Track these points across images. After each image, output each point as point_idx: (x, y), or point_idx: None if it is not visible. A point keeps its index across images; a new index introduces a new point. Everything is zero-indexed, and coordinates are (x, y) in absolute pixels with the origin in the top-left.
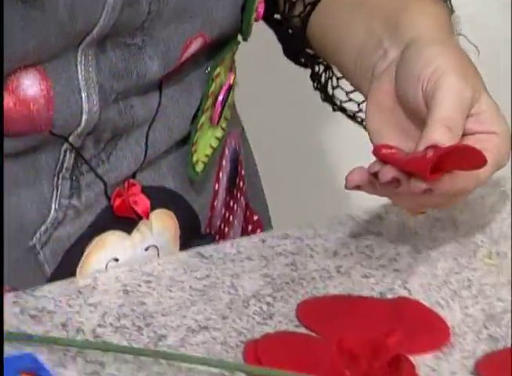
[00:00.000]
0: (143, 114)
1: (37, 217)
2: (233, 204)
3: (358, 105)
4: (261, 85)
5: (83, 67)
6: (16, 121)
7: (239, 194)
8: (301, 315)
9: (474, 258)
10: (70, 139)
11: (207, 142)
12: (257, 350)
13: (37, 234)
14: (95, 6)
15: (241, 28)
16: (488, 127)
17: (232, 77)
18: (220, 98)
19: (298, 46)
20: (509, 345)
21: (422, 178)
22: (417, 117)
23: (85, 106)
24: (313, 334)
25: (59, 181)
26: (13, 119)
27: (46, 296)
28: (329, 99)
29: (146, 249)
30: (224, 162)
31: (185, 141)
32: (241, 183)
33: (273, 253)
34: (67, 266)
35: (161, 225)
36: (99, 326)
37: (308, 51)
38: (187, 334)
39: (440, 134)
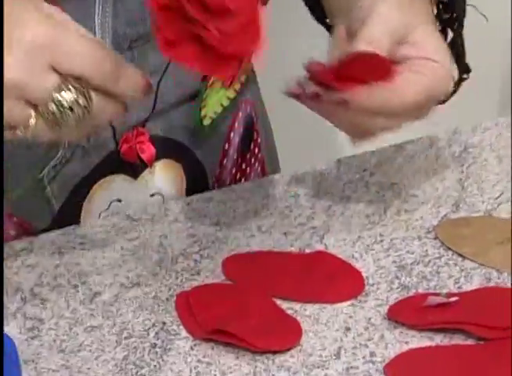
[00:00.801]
0: (155, 64)
1: (47, 153)
2: (246, 167)
3: None
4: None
5: (100, 11)
6: None
7: (253, 160)
8: (227, 270)
9: (385, 215)
10: None
11: (217, 100)
12: (188, 299)
13: (46, 169)
14: None
15: None
16: (425, 54)
17: None
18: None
19: None
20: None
21: (334, 89)
22: None
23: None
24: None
25: None
26: None
27: None
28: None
29: (152, 195)
30: (236, 124)
31: (196, 96)
32: (256, 150)
33: (198, 215)
34: (73, 203)
35: (166, 174)
36: (37, 285)
37: None
38: (120, 290)
39: (359, 47)
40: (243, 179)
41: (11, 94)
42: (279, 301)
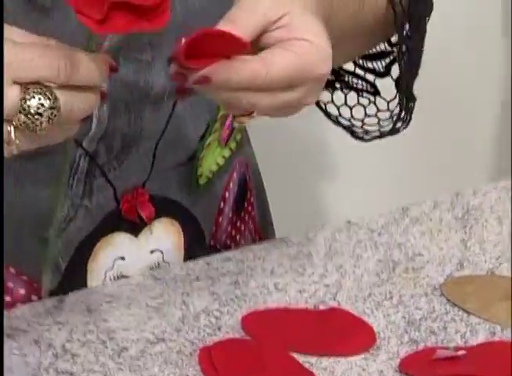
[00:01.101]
0: (152, 127)
1: (52, 212)
2: (240, 224)
3: (338, 108)
4: None
5: None
6: None
7: (247, 217)
8: (246, 326)
9: (393, 273)
10: (84, 144)
11: (213, 159)
12: (210, 354)
13: (51, 228)
14: None
15: None
16: (299, 34)
17: None
18: (227, 122)
19: None
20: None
21: (187, 66)
22: None
23: (95, 112)
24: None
25: (74, 182)
26: None
27: (19, 317)
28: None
29: (152, 252)
30: (231, 184)
31: (193, 157)
32: (249, 208)
33: (218, 274)
34: (79, 260)
35: (165, 232)
36: (68, 341)
37: None
38: (146, 345)
39: (220, 26)
40: (237, 236)
41: None
42: (296, 355)
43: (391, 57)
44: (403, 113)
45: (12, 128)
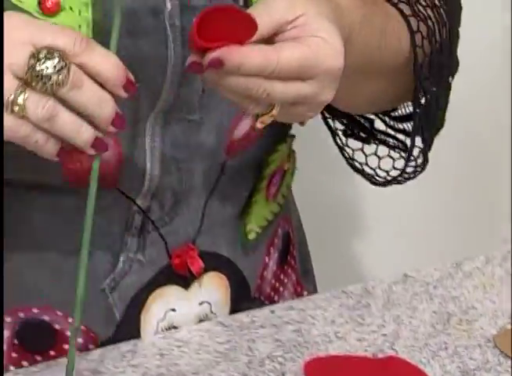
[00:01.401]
0: (201, 184)
1: (108, 267)
2: (284, 277)
3: (366, 157)
4: None
5: (150, 138)
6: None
7: (290, 270)
8: (308, 372)
9: (448, 325)
10: (138, 201)
11: (262, 215)
12: None
13: (108, 280)
14: (155, 85)
15: None
16: (313, 32)
17: (288, 164)
18: (274, 180)
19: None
20: None
21: (200, 46)
22: None
23: (148, 170)
24: None
25: (128, 238)
26: (86, 177)
27: (96, 359)
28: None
29: (201, 304)
30: (276, 240)
31: (241, 213)
32: (292, 262)
33: (282, 322)
34: (132, 312)
35: (213, 285)
36: None
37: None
38: None
39: None
40: (281, 288)
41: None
42: None
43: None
44: (422, 161)
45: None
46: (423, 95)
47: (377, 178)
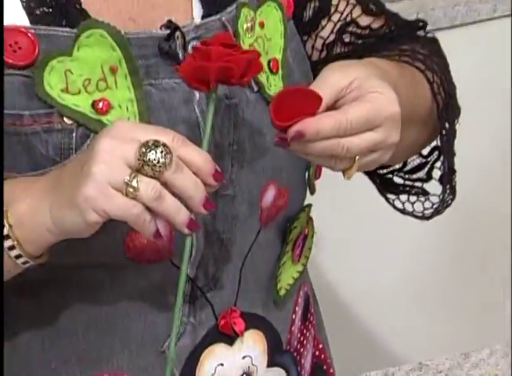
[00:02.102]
0: (238, 252)
1: (166, 330)
2: (306, 332)
3: (403, 204)
4: None
5: (194, 214)
6: (149, 252)
7: (310, 325)
8: None
9: None
10: (188, 270)
11: (289, 274)
12: None
13: (166, 343)
14: None
15: (307, 182)
16: (368, 90)
17: (308, 229)
18: (298, 244)
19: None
20: None
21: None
22: None
23: (195, 242)
24: None
25: (182, 303)
26: (146, 251)
27: None
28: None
29: (243, 358)
30: (299, 300)
31: (272, 275)
32: (311, 318)
33: None
34: (189, 369)
35: (253, 341)
36: None
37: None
38: None
39: None
40: (304, 341)
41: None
42: None
43: (428, 166)
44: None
45: (140, 177)
46: (445, 133)
47: (418, 213)
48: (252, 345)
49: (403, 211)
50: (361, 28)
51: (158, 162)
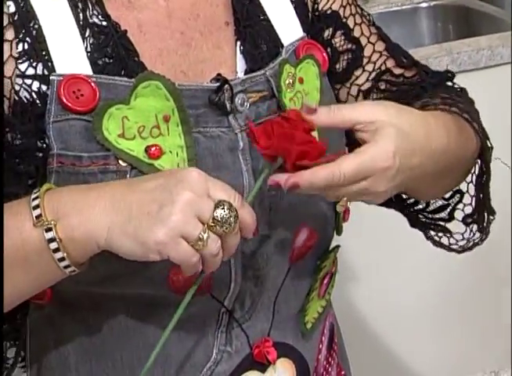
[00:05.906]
0: (271, 287)
1: (204, 357)
2: (331, 360)
3: (440, 238)
4: None
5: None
6: (189, 286)
7: (334, 354)
8: None
9: None
10: (225, 303)
11: (315, 309)
12: None
13: (204, 369)
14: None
15: (335, 225)
16: (377, 139)
17: (334, 268)
18: (325, 281)
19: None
20: None
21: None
22: None
23: (233, 278)
24: None
25: (219, 334)
26: (187, 285)
27: None
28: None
29: None
30: (325, 330)
31: (301, 309)
32: (335, 347)
33: None
34: None
35: (284, 369)
36: None
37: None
38: None
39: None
40: (329, 368)
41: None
42: None
43: (450, 208)
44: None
45: (209, 233)
46: (485, 170)
47: (454, 247)
48: (283, 373)
49: (436, 244)
50: (395, 76)
51: (226, 222)
